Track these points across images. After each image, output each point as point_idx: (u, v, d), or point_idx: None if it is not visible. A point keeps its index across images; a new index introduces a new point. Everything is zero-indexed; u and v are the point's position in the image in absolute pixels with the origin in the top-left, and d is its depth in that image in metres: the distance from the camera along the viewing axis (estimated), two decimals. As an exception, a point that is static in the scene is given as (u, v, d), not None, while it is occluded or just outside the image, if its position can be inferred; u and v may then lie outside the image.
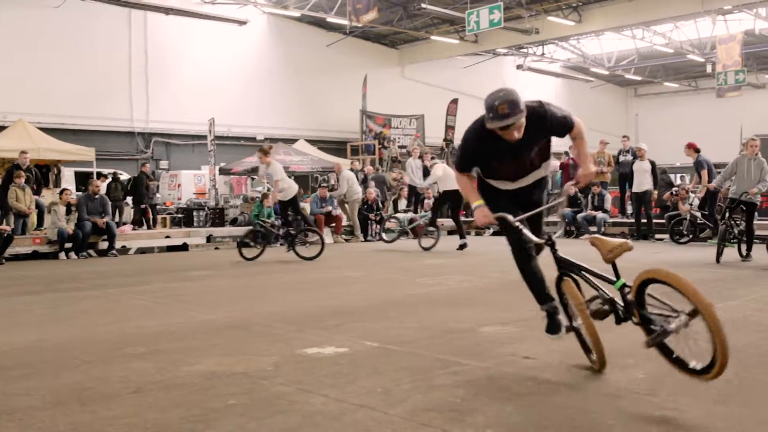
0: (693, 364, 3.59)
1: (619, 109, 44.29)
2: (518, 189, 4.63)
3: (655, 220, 16.58)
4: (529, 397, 3.88)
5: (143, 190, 18.89)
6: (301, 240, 12.92)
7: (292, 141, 26.67)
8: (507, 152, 4.35)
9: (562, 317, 4.46)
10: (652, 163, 16.18)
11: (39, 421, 3.61)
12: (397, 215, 18.67)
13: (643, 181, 16.06)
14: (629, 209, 18.16)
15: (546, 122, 4.30)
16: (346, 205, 18.74)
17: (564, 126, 4.41)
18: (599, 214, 17.72)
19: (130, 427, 3.52)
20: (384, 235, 17.41)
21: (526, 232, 4.21)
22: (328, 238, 18.14)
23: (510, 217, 4.22)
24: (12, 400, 3.98)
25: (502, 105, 4.04)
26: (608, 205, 18.40)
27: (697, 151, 14.68)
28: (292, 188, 13.15)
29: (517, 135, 4.16)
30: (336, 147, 29.04)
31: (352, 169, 20.46)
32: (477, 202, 4.38)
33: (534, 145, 4.43)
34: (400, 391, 4.03)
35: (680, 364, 3.68)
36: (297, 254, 12.73)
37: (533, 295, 4.54)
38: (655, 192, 16.37)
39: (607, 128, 35.72)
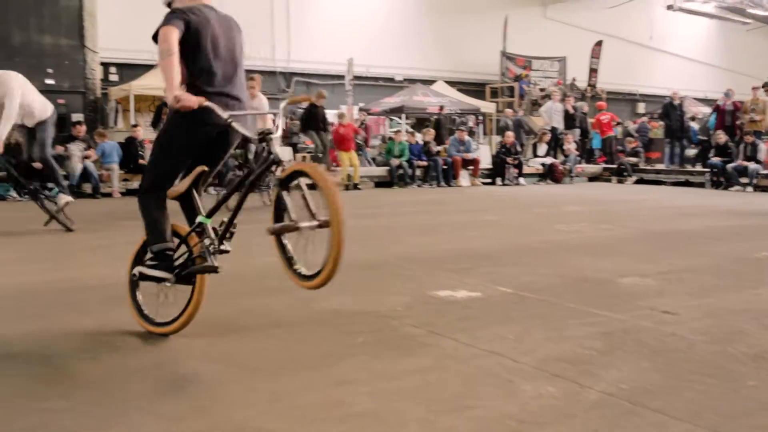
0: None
1: (779, 53, 41.11)
2: None
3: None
4: (667, 353, 3.73)
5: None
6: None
7: (431, 82, 26.48)
8: None
9: None
10: (816, 111, 15.02)
11: (193, 349, 3.84)
12: None
13: (803, 130, 14.98)
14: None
15: None
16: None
17: None
18: (752, 165, 16.73)
19: (276, 359, 3.67)
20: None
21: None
22: (466, 180, 18.07)
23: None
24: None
25: None
26: (762, 155, 17.30)
27: None
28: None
29: None
30: (475, 89, 28.62)
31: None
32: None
33: None
34: (531, 339, 3.98)
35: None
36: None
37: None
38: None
39: (764, 75, 33.34)
